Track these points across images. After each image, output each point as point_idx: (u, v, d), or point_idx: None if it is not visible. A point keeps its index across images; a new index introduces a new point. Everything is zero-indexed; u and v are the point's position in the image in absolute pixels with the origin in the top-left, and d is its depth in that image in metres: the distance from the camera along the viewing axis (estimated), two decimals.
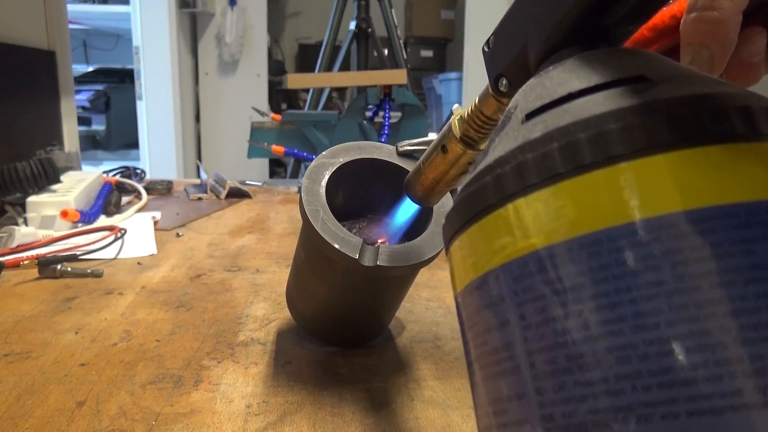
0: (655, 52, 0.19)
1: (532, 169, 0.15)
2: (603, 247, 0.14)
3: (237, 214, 0.95)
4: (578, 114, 0.15)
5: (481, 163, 0.18)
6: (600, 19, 0.19)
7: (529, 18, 0.20)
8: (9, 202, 0.78)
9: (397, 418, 0.34)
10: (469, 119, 0.27)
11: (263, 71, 2.70)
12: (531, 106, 0.17)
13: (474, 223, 0.17)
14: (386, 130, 1.32)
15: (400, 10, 2.99)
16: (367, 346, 0.44)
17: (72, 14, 2.11)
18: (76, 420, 0.33)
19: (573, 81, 0.17)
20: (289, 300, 0.44)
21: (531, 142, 0.16)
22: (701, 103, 0.14)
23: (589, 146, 0.14)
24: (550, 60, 0.19)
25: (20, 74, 0.98)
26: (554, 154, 0.15)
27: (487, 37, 0.23)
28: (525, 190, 0.15)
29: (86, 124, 2.75)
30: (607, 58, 0.17)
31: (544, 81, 0.18)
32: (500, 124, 0.19)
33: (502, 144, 0.17)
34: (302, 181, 0.36)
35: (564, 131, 0.15)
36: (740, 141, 0.14)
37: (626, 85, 0.16)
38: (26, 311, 0.50)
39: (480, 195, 0.16)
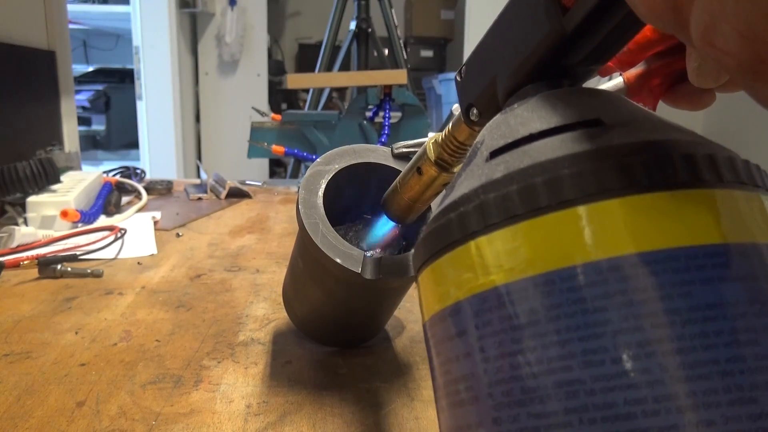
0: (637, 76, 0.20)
1: (493, 208, 0.16)
2: (555, 287, 0.15)
3: (237, 214, 0.95)
4: (536, 157, 0.16)
5: (448, 197, 0.19)
6: (563, 59, 0.20)
7: (498, 54, 0.21)
8: (9, 202, 0.78)
9: (397, 418, 0.34)
10: (443, 143, 0.28)
11: (263, 71, 2.70)
12: (495, 144, 0.18)
13: (439, 257, 0.18)
14: (386, 130, 1.32)
15: (400, 10, 2.99)
16: (367, 346, 0.44)
17: (72, 14, 2.11)
18: (76, 420, 0.33)
19: (534, 121, 0.18)
20: (286, 301, 0.44)
21: (493, 182, 0.17)
22: (648, 151, 0.15)
23: (545, 190, 0.15)
24: (517, 95, 0.20)
25: (20, 74, 0.98)
26: (513, 196, 0.16)
27: (460, 67, 0.24)
28: (486, 228, 0.16)
29: (86, 124, 2.75)
30: (567, 99, 0.18)
31: (508, 119, 0.19)
32: (467, 159, 0.20)
33: (467, 181, 0.18)
34: (299, 191, 0.35)
35: (523, 173, 0.16)
36: (683, 188, 0.15)
37: (581, 129, 0.17)
38: (26, 311, 0.50)
39: (445, 231, 0.17)
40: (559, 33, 0.18)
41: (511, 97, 0.21)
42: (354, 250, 0.34)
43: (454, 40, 3.16)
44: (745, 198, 0.15)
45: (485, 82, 0.22)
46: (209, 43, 2.65)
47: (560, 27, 0.18)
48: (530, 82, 0.20)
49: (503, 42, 0.21)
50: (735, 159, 0.16)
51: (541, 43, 0.19)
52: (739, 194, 0.15)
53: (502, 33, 0.21)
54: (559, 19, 0.18)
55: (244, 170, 2.44)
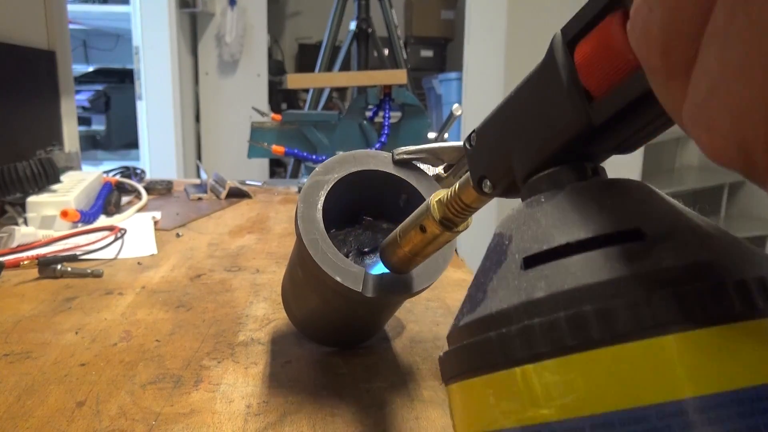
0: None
1: (540, 337, 0.15)
2: (615, 430, 0.14)
3: (237, 214, 0.95)
4: (580, 277, 0.16)
5: (481, 304, 0.18)
6: (586, 146, 0.19)
7: (515, 130, 0.21)
8: (9, 202, 0.78)
9: (397, 418, 0.34)
10: (448, 203, 0.28)
11: (263, 71, 2.70)
12: (527, 247, 0.18)
13: (478, 375, 0.17)
14: (386, 130, 1.32)
15: (400, 10, 2.99)
16: (367, 346, 0.44)
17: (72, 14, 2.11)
18: (76, 420, 0.33)
19: (569, 227, 0.17)
20: (285, 302, 0.44)
21: (535, 302, 0.16)
22: (701, 278, 0.15)
23: (596, 321, 0.14)
24: (539, 179, 0.20)
25: (20, 74, 0.98)
26: (562, 325, 0.15)
27: (469, 133, 0.24)
28: (533, 357, 0.15)
29: (86, 124, 2.75)
30: (599, 198, 0.18)
31: (537, 216, 0.18)
32: (494, 255, 0.19)
33: (501, 290, 0.17)
34: (298, 204, 0.34)
35: (569, 298, 0.15)
36: (740, 320, 0.14)
37: (624, 244, 0.16)
38: (26, 311, 0.50)
39: (485, 351, 0.17)
40: (584, 124, 0.18)
41: (531, 178, 0.20)
42: (354, 266, 0.33)
43: (454, 40, 3.16)
44: None
45: (500, 157, 0.22)
46: (209, 43, 2.65)
47: (586, 118, 0.18)
48: (551, 165, 0.20)
49: (521, 119, 0.20)
50: None
51: (564, 130, 0.18)
52: None
53: (520, 109, 0.20)
54: (585, 109, 0.18)
55: (244, 170, 2.44)
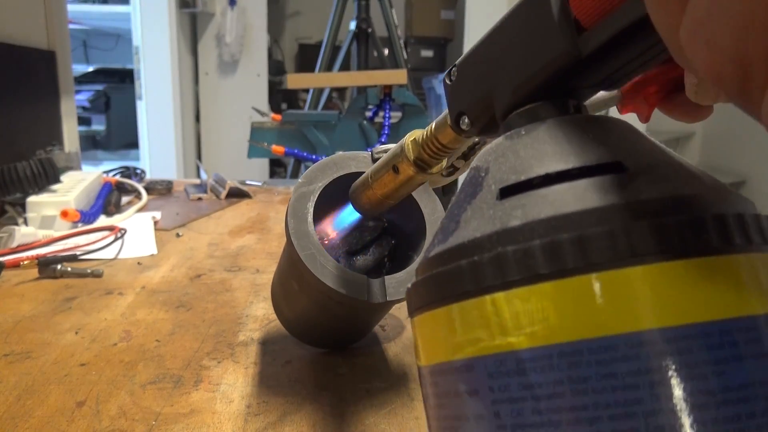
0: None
1: (513, 264, 0.15)
2: (583, 359, 0.14)
3: (237, 214, 0.95)
4: (558, 206, 0.15)
5: (452, 234, 0.17)
6: (572, 80, 0.18)
7: (498, 64, 0.20)
8: (9, 202, 0.78)
9: (397, 418, 0.34)
10: (424, 144, 0.27)
11: (263, 71, 2.70)
12: (505, 178, 0.17)
13: (446, 304, 0.17)
14: (386, 130, 1.32)
15: (400, 10, 2.99)
16: (367, 346, 0.44)
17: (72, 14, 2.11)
18: (76, 420, 0.33)
19: (549, 158, 0.17)
20: (276, 307, 0.43)
21: (510, 230, 0.15)
22: (680, 210, 0.15)
23: (572, 249, 0.14)
24: (519, 114, 0.19)
25: (20, 74, 0.98)
26: (536, 253, 0.15)
27: (449, 67, 0.23)
28: (504, 285, 0.15)
29: (86, 124, 2.75)
30: (581, 132, 0.17)
31: (516, 147, 0.18)
32: (469, 188, 0.18)
33: (475, 220, 0.17)
34: (287, 219, 0.34)
35: (545, 226, 0.15)
36: (717, 254, 0.14)
37: (604, 175, 0.16)
38: (26, 311, 0.50)
39: (454, 278, 0.16)
40: (573, 55, 0.17)
41: (512, 114, 0.20)
42: (355, 275, 0.33)
43: (454, 40, 3.16)
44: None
45: (481, 92, 0.21)
46: (209, 43, 2.65)
47: (575, 49, 0.17)
48: (533, 100, 0.19)
49: (505, 52, 0.20)
50: (761, 218, 0.15)
51: (551, 62, 0.18)
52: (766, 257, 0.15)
53: (505, 41, 0.20)
54: (574, 40, 0.17)
55: (244, 170, 2.44)
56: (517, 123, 0.19)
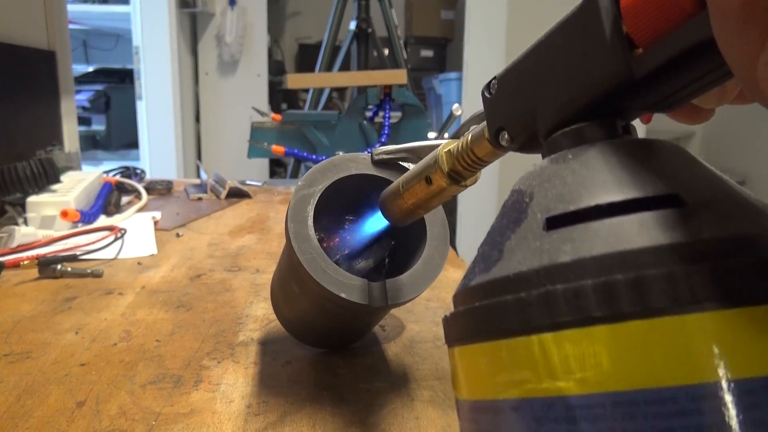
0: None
1: (563, 304, 0.14)
2: (639, 410, 0.13)
3: (237, 214, 0.95)
4: (612, 243, 0.14)
5: (496, 264, 0.16)
6: (622, 101, 0.17)
7: (542, 80, 0.19)
8: (9, 202, 0.78)
9: (397, 418, 0.34)
10: (459, 156, 0.26)
11: (263, 71, 2.70)
12: (551, 207, 0.16)
13: (489, 340, 0.16)
14: (386, 130, 1.32)
15: (400, 10, 2.99)
16: (367, 345, 0.44)
17: (72, 14, 2.11)
18: (76, 420, 0.33)
19: (598, 187, 0.16)
20: (275, 308, 0.43)
21: (559, 267, 0.15)
22: (746, 252, 0.14)
23: (629, 293, 0.13)
24: (564, 134, 0.18)
25: (20, 74, 0.98)
26: (588, 293, 0.14)
27: (489, 80, 0.22)
28: (553, 326, 0.14)
29: (86, 124, 2.75)
30: (632, 158, 0.16)
31: (563, 173, 0.17)
32: (512, 213, 0.17)
33: (521, 251, 0.16)
34: (287, 222, 0.34)
35: (598, 265, 0.14)
36: None
37: (660, 210, 0.15)
38: (26, 311, 0.50)
39: (500, 314, 0.15)
40: (626, 76, 0.16)
41: (556, 133, 0.19)
42: (356, 279, 0.33)
43: (454, 40, 3.16)
44: None
45: (523, 108, 0.20)
46: (209, 43, 2.65)
47: (628, 70, 0.16)
48: (579, 120, 0.18)
49: (551, 67, 0.19)
50: None
51: (601, 82, 0.17)
52: None
53: (551, 56, 0.19)
54: (628, 60, 0.16)
55: (244, 170, 2.44)
56: (562, 143, 0.18)
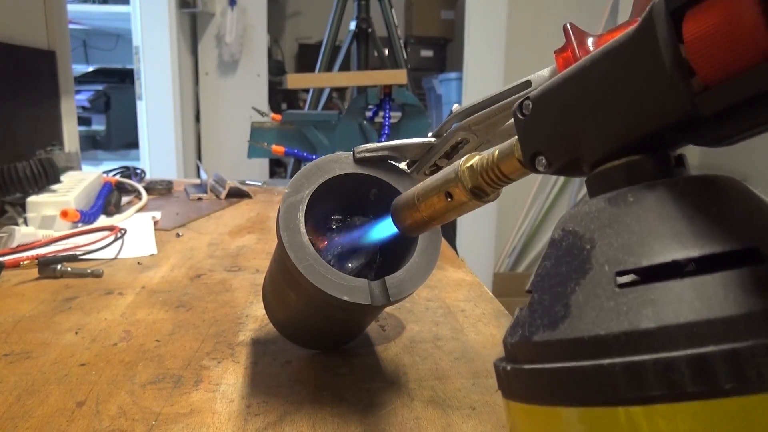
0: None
1: (653, 377, 0.13)
2: None
3: (237, 214, 0.95)
4: (699, 309, 0.13)
5: (564, 321, 0.15)
6: (683, 137, 0.17)
7: (591, 106, 0.18)
8: (9, 202, 0.78)
9: (397, 418, 0.34)
10: (483, 172, 0.25)
11: (263, 71, 2.70)
12: (620, 259, 0.15)
13: (566, 405, 0.15)
14: (386, 130, 1.32)
15: (400, 10, 2.99)
16: (367, 345, 0.44)
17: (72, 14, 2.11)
18: (76, 420, 0.33)
19: (670, 239, 0.15)
20: (268, 310, 0.43)
21: (643, 334, 0.14)
22: None
23: (725, 367, 0.12)
24: (616, 168, 0.17)
25: (20, 74, 0.98)
26: (681, 367, 0.13)
27: (521, 100, 0.21)
28: (642, 399, 0.13)
29: (86, 124, 2.75)
30: (699, 203, 0.15)
31: (626, 219, 0.16)
32: (569, 259, 0.16)
33: (593, 310, 0.15)
34: (280, 231, 0.34)
35: (687, 334, 0.13)
36: None
37: (743, 268, 0.14)
38: (26, 311, 0.50)
39: (577, 382, 0.14)
40: (689, 114, 0.15)
41: (606, 165, 0.18)
42: (356, 280, 0.33)
43: (454, 40, 3.16)
44: None
45: (565, 134, 0.19)
46: (209, 43, 2.65)
47: (693, 108, 0.15)
48: (630, 152, 0.17)
49: (599, 95, 0.18)
50: None
51: (661, 118, 0.16)
52: None
53: (598, 82, 0.18)
54: (690, 97, 0.15)
55: (244, 170, 2.44)
56: (613, 178, 0.17)
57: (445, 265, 0.65)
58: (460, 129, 0.34)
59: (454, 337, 0.46)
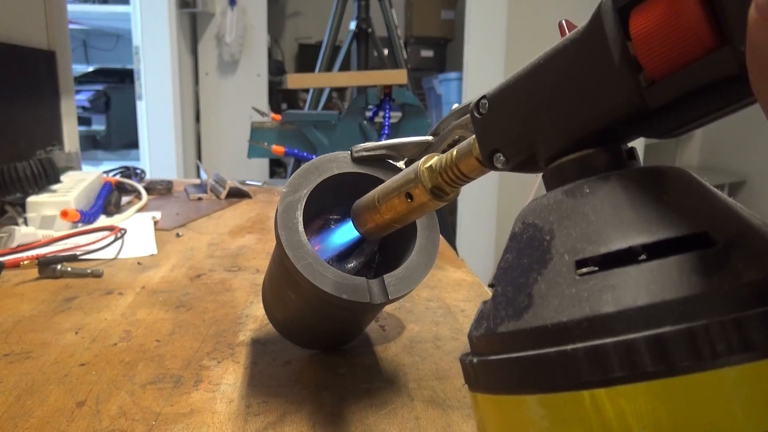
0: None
1: (615, 359, 0.14)
2: None
3: (237, 214, 0.95)
4: (655, 292, 0.14)
5: (528, 311, 0.16)
6: (633, 129, 0.17)
7: (545, 103, 0.18)
8: (9, 202, 0.78)
9: (397, 418, 0.34)
10: (442, 172, 0.26)
11: (263, 71, 2.70)
12: (579, 248, 0.16)
13: (530, 393, 0.15)
14: (386, 130, 1.32)
15: (400, 10, 2.99)
16: (367, 345, 0.44)
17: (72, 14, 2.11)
18: (76, 420, 0.33)
19: (626, 227, 0.15)
20: (268, 311, 0.43)
21: (604, 318, 0.14)
22: None
23: (682, 345, 0.13)
24: (571, 161, 0.18)
25: (20, 74, 0.98)
26: (641, 349, 0.13)
27: (477, 99, 0.21)
28: (605, 381, 0.14)
29: (86, 124, 2.75)
30: (651, 192, 0.16)
31: (584, 210, 0.16)
32: (530, 251, 0.17)
33: (555, 298, 0.15)
34: (278, 231, 0.34)
35: (645, 316, 0.14)
36: None
37: (694, 252, 0.14)
38: (26, 311, 0.50)
39: (543, 368, 0.15)
40: (638, 107, 0.16)
41: (561, 159, 0.18)
42: (355, 279, 0.33)
43: (454, 40, 3.16)
44: None
45: (521, 130, 0.19)
46: (209, 43, 2.65)
47: (641, 101, 0.16)
48: (584, 146, 0.18)
49: (553, 92, 0.18)
50: None
51: (611, 111, 0.16)
52: None
53: (551, 79, 0.18)
54: (640, 90, 0.15)
55: (244, 170, 2.44)
56: (569, 171, 0.18)
57: (445, 265, 0.65)
58: (457, 127, 0.34)
59: (454, 337, 0.46)
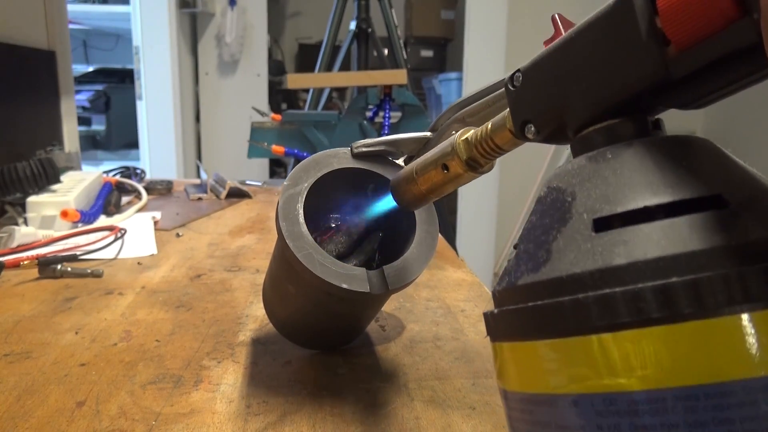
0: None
1: (622, 306, 0.15)
2: (699, 404, 0.14)
3: (237, 214, 0.95)
4: (665, 246, 0.15)
5: (546, 265, 0.17)
6: (658, 99, 0.18)
7: (575, 75, 0.19)
8: (9, 202, 0.78)
9: (397, 418, 0.34)
10: (477, 144, 0.26)
11: (263, 71, 2.70)
12: (597, 208, 0.17)
13: (545, 339, 0.16)
14: (386, 130, 1.32)
15: (400, 10, 2.99)
16: (367, 345, 0.44)
17: (72, 14, 2.11)
18: (76, 420, 0.33)
19: (643, 189, 0.16)
20: (268, 310, 0.43)
21: (615, 269, 0.15)
22: None
23: (686, 295, 0.14)
24: (597, 131, 0.19)
25: (20, 74, 0.98)
26: (647, 296, 0.14)
27: (512, 72, 0.22)
28: (612, 326, 0.15)
29: (86, 124, 2.75)
30: (671, 158, 0.17)
31: (605, 173, 0.17)
32: (552, 212, 0.18)
33: (571, 252, 0.16)
34: (279, 222, 0.34)
35: (654, 268, 0.15)
36: None
37: (706, 212, 0.15)
38: (26, 311, 0.50)
39: (556, 315, 0.16)
40: (663, 77, 0.17)
41: (588, 129, 0.19)
42: (354, 269, 0.33)
43: (454, 40, 3.16)
44: None
45: (551, 101, 0.20)
46: (209, 43, 2.65)
47: (666, 72, 0.16)
48: (611, 116, 0.19)
49: (583, 64, 0.19)
50: None
51: (637, 81, 0.17)
52: None
53: (582, 52, 0.19)
54: (665, 61, 0.16)
55: (244, 170, 2.44)
56: (595, 140, 0.19)
57: (445, 265, 0.65)
58: (455, 121, 0.34)
59: (454, 337, 0.46)
